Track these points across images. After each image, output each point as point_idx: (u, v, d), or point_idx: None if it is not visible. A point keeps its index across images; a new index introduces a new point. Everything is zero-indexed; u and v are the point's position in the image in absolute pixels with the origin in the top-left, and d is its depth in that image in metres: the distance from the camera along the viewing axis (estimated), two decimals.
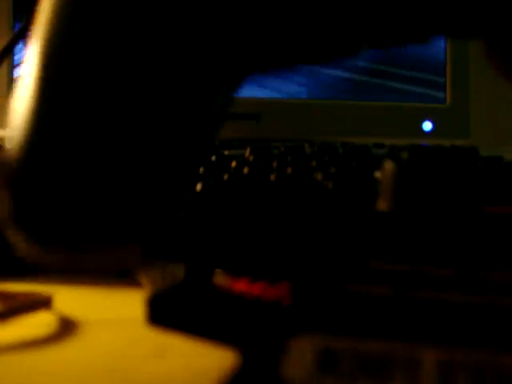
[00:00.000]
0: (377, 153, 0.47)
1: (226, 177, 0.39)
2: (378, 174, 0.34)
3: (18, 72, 0.58)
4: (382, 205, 0.21)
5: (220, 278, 0.20)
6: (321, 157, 0.43)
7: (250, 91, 0.61)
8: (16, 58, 0.57)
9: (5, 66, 0.56)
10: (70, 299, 0.31)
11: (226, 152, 0.45)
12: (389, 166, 0.22)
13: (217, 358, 0.22)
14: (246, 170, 0.41)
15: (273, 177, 0.39)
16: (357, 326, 0.18)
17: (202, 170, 0.40)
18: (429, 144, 0.57)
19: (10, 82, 0.58)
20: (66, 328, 0.28)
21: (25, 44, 0.37)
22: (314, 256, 0.20)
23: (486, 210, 0.20)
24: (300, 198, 0.22)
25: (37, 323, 0.28)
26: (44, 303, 0.29)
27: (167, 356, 0.25)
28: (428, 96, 0.63)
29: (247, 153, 0.45)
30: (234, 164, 0.42)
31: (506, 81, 0.22)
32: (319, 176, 0.37)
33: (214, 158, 0.43)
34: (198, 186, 0.36)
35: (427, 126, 0.62)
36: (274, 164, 0.42)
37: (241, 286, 0.20)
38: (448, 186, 0.21)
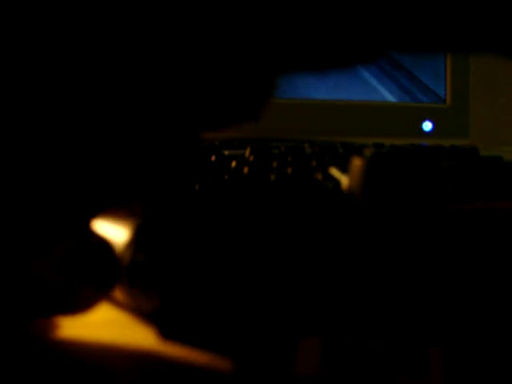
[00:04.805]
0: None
1: (226, 177, 0.39)
2: (333, 171, 0.34)
3: None
4: None
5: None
6: (321, 157, 0.43)
7: None
8: None
9: None
10: None
11: (226, 152, 0.45)
12: (357, 162, 0.21)
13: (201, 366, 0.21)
14: (246, 169, 0.41)
15: (273, 177, 0.39)
16: (362, 326, 0.18)
17: (201, 170, 0.40)
18: (428, 144, 0.57)
19: None
20: None
21: None
22: (314, 256, 0.20)
23: (445, 208, 0.20)
24: (300, 198, 0.22)
25: None
26: None
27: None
28: (428, 96, 0.63)
29: (247, 153, 0.45)
30: (234, 164, 0.42)
31: None
32: (319, 176, 0.36)
33: (214, 157, 0.43)
34: (198, 186, 0.36)
35: (427, 126, 0.62)
36: (274, 164, 0.42)
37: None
38: (408, 183, 0.21)
